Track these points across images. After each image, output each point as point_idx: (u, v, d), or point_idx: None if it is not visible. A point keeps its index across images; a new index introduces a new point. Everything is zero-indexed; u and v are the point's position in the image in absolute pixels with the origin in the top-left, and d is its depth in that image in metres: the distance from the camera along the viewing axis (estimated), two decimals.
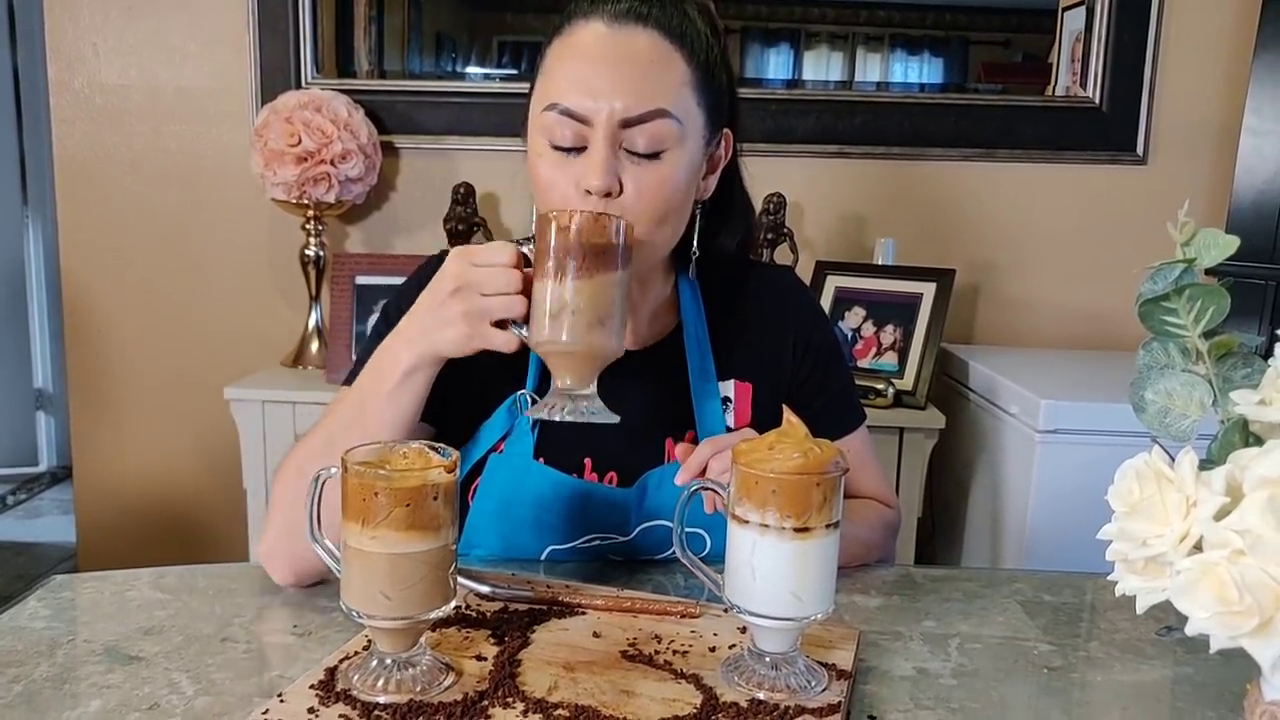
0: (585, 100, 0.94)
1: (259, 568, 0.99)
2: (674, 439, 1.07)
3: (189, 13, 2.22)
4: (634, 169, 0.96)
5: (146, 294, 2.30)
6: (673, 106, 0.96)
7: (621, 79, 0.94)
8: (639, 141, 0.95)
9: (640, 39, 0.96)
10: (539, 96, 0.99)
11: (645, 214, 0.96)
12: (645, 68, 0.95)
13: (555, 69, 0.98)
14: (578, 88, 0.95)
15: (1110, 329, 2.19)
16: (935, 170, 2.23)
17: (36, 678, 0.79)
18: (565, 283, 0.87)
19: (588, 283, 0.87)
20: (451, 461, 0.75)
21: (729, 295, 1.12)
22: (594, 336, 0.88)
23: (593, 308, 0.87)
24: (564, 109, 0.95)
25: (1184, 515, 0.54)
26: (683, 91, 0.97)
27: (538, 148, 0.98)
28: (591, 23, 0.96)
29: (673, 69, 0.96)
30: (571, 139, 0.95)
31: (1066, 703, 0.82)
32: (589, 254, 0.87)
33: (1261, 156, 1.93)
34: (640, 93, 0.94)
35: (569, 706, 0.73)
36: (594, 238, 0.87)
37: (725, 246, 1.14)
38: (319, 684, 0.75)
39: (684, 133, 0.97)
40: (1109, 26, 2.14)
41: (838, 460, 0.76)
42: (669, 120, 0.95)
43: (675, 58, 0.97)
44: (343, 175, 2.03)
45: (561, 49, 0.98)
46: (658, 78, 0.96)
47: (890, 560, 1.16)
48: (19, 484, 3.81)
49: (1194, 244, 0.62)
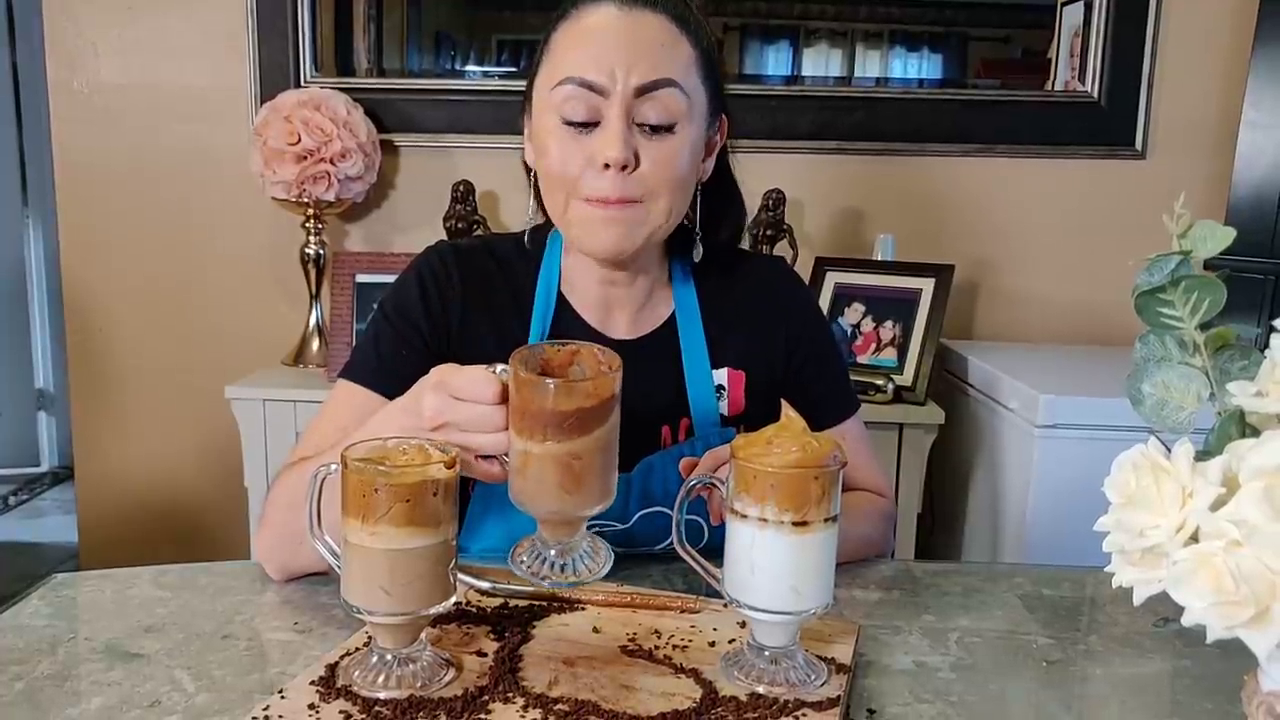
0: (600, 72, 0.97)
1: (260, 565, 1.00)
2: (669, 426, 1.07)
3: (188, 12, 2.22)
4: (647, 143, 0.99)
5: (147, 293, 2.30)
6: (682, 80, 0.99)
7: (636, 51, 0.97)
8: (651, 114, 0.98)
9: (650, 20, 0.99)
10: (547, 76, 1.01)
11: (663, 185, 1.00)
12: (656, 45, 0.99)
13: (565, 49, 1.00)
14: (592, 61, 0.97)
15: (1109, 324, 2.19)
16: (934, 166, 2.23)
17: (38, 675, 0.79)
18: (543, 444, 0.75)
19: (570, 444, 0.75)
20: (451, 457, 0.76)
21: (722, 284, 1.13)
22: (573, 502, 0.77)
23: (572, 470, 0.76)
24: (580, 80, 0.97)
25: (1180, 506, 0.55)
26: (690, 70, 1.01)
27: (548, 125, 1.00)
28: (601, 6, 0.99)
29: (680, 49, 1.00)
30: (585, 113, 0.98)
31: (1066, 696, 0.82)
32: (571, 418, 0.75)
33: (1260, 150, 1.93)
34: (653, 63, 0.98)
35: (569, 701, 0.73)
36: (579, 401, 0.75)
37: (721, 233, 1.15)
38: (319, 680, 0.76)
39: (691, 108, 1.00)
40: (1107, 21, 2.14)
41: (836, 454, 0.77)
42: (679, 91, 0.99)
43: (682, 40, 1.00)
44: (342, 174, 2.03)
45: (570, 32, 1.00)
46: (668, 53, 0.99)
47: (888, 553, 1.16)
48: (21, 484, 3.81)
49: (1190, 236, 0.62)
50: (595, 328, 1.10)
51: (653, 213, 1.00)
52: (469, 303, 1.08)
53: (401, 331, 1.06)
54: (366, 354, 1.06)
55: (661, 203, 1.00)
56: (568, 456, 0.75)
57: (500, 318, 1.09)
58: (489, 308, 1.09)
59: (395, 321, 1.07)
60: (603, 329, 1.10)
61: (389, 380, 1.03)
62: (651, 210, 1.00)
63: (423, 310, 1.07)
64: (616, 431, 0.78)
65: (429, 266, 1.09)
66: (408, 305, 1.07)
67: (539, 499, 0.77)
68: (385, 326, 1.07)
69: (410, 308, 1.07)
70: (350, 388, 1.04)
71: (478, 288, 1.09)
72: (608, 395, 0.76)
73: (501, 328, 1.08)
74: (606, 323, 1.10)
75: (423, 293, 1.07)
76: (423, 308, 1.07)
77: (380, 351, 1.06)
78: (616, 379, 0.77)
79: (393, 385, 1.03)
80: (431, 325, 1.06)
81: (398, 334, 1.06)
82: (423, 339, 1.06)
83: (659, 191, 0.99)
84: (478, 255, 1.11)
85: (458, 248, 1.12)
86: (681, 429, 1.09)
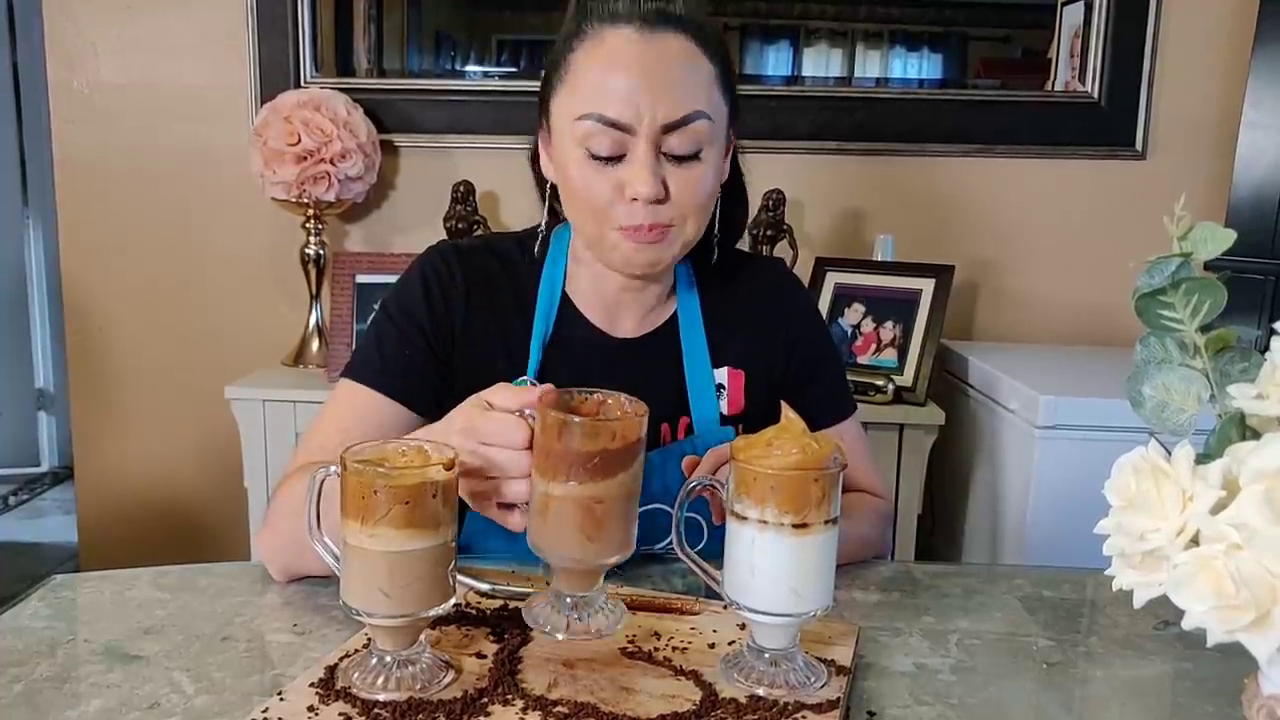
0: (626, 109, 0.95)
1: (259, 567, 1.00)
2: (669, 424, 1.08)
3: (188, 12, 2.22)
4: (675, 170, 0.98)
5: (147, 293, 2.30)
6: (707, 106, 0.98)
7: (660, 86, 0.95)
8: (678, 146, 0.97)
9: (672, 43, 0.97)
10: (567, 101, 0.99)
11: (692, 209, 1.00)
12: (680, 72, 0.97)
13: (587, 77, 0.98)
14: (617, 97, 0.95)
15: (1110, 324, 2.19)
16: (935, 166, 2.23)
17: (37, 677, 0.79)
18: (565, 485, 0.75)
19: (593, 487, 0.75)
20: (450, 459, 0.75)
21: (724, 285, 1.14)
22: (593, 550, 0.77)
23: (594, 514, 0.76)
24: (604, 119, 0.96)
25: (1180, 509, 0.54)
26: (712, 90, 0.99)
27: (574, 155, 0.99)
28: (620, 28, 0.97)
29: (702, 69, 0.99)
30: (610, 148, 0.96)
31: (1066, 698, 0.82)
32: (595, 459, 0.75)
33: (1260, 150, 1.93)
34: (679, 98, 0.96)
35: (568, 704, 0.73)
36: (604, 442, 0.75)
37: (729, 233, 1.15)
38: (319, 682, 0.76)
39: (715, 130, 0.99)
40: (1107, 21, 2.14)
41: (836, 456, 0.76)
42: (705, 121, 0.98)
43: (702, 58, 0.99)
44: (342, 174, 2.03)
45: (590, 56, 0.98)
46: (692, 80, 0.98)
47: (886, 553, 1.16)
48: (21, 484, 3.81)
49: (1190, 238, 0.62)
50: (600, 328, 1.10)
51: (684, 234, 1.01)
52: (472, 302, 1.08)
53: (405, 331, 1.06)
54: (369, 354, 1.06)
55: (690, 224, 1.01)
56: (590, 500, 0.75)
57: (503, 317, 1.09)
58: (492, 307, 1.09)
59: (399, 321, 1.06)
60: (608, 329, 1.10)
61: (392, 380, 1.03)
62: (682, 232, 1.01)
63: (426, 310, 1.06)
64: (640, 482, 0.78)
65: (432, 266, 1.09)
66: (411, 305, 1.07)
67: (559, 544, 0.77)
68: (388, 326, 1.07)
69: (414, 307, 1.07)
70: (353, 387, 1.04)
71: (481, 287, 1.09)
72: (633, 439, 0.76)
73: (505, 327, 1.08)
74: (612, 323, 1.10)
75: (426, 292, 1.07)
76: (426, 307, 1.07)
77: (384, 351, 1.06)
78: (642, 423, 0.77)
79: (396, 385, 1.03)
80: (435, 325, 1.06)
81: (401, 334, 1.06)
82: (426, 339, 1.06)
83: (688, 215, 1.00)
84: (480, 255, 1.11)
85: (460, 248, 1.12)
86: (681, 427, 1.09)
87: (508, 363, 1.06)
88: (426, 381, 1.04)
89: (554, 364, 1.08)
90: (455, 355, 1.06)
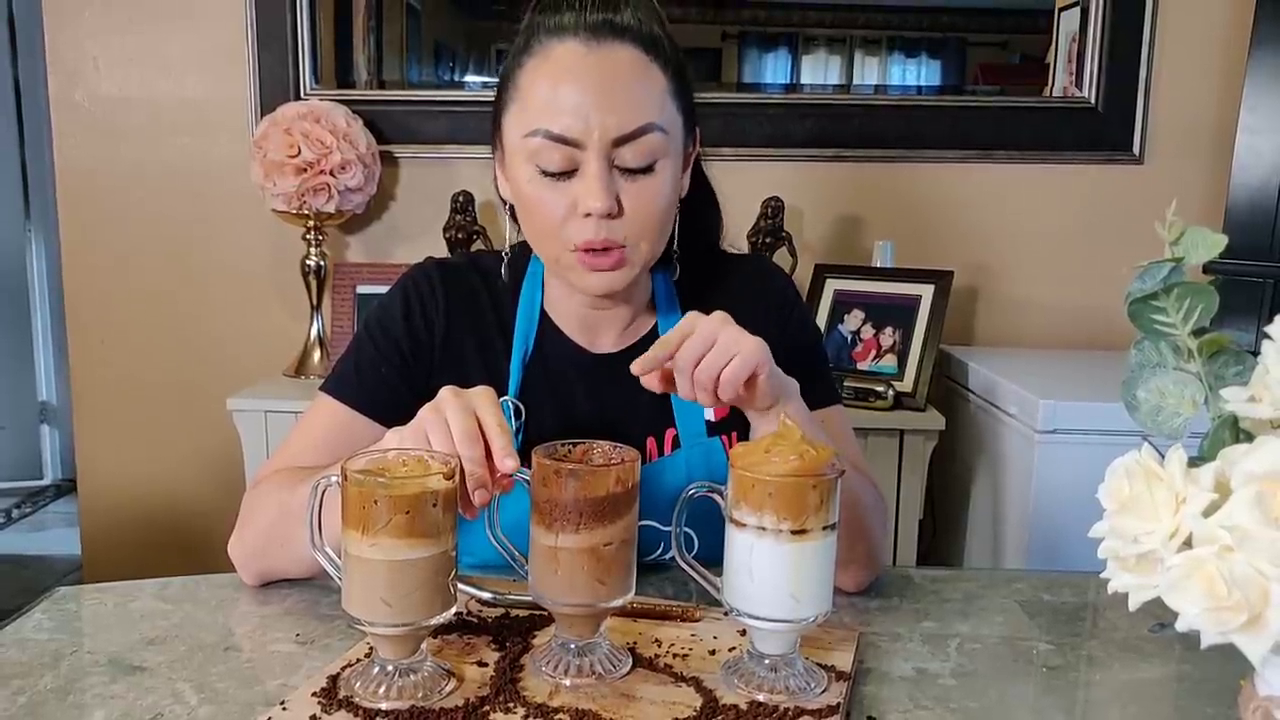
0: (574, 123, 0.93)
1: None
2: (654, 438, 1.07)
3: (188, 25, 2.23)
4: (629, 185, 0.96)
5: (149, 306, 2.31)
6: (659, 118, 0.96)
7: (609, 98, 0.94)
8: (631, 159, 0.95)
9: (620, 54, 0.95)
10: (518, 121, 0.98)
11: (647, 228, 0.98)
12: (629, 84, 0.95)
13: (534, 93, 0.96)
14: (565, 111, 0.94)
15: (1109, 329, 2.19)
16: (933, 172, 2.23)
17: (41, 689, 0.80)
18: (575, 534, 0.77)
19: (602, 531, 0.78)
20: (450, 468, 0.76)
21: (703, 289, 1.12)
22: (604, 592, 0.79)
23: (604, 558, 0.78)
24: (553, 134, 0.94)
25: (1173, 512, 0.55)
26: (665, 101, 0.97)
27: (524, 173, 0.98)
28: (566, 41, 0.95)
29: (653, 80, 0.97)
30: (560, 163, 0.95)
31: (1066, 702, 0.82)
32: (605, 503, 0.77)
33: (1257, 154, 1.93)
34: (629, 109, 0.94)
35: (570, 711, 0.74)
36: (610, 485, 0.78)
37: (701, 241, 1.13)
38: (321, 691, 0.76)
39: (670, 141, 0.98)
40: (1103, 27, 2.14)
41: (834, 462, 0.77)
42: (658, 133, 0.96)
43: (653, 68, 0.97)
44: (342, 185, 2.04)
45: (538, 71, 0.96)
46: (642, 92, 0.96)
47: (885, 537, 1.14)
48: (24, 497, 3.82)
49: (1182, 242, 0.62)
50: (580, 344, 1.09)
51: (639, 253, 0.99)
52: (453, 321, 1.08)
53: (382, 349, 1.06)
54: (346, 370, 1.07)
55: (645, 245, 0.99)
56: (599, 544, 0.77)
57: (484, 336, 1.08)
58: (474, 326, 1.09)
59: (377, 339, 1.07)
60: (588, 345, 1.09)
61: (366, 396, 1.04)
62: (637, 251, 0.99)
63: (404, 329, 1.07)
64: (636, 523, 0.81)
65: (414, 284, 1.09)
66: (389, 323, 1.07)
67: (570, 593, 0.79)
68: (367, 343, 1.07)
69: (391, 325, 1.07)
70: (329, 402, 1.05)
71: (462, 306, 1.09)
72: (632, 482, 0.79)
73: (485, 346, 1.08)
74: (591, 339, 1.10)
75: (406, 311, 1.07)
76: (405, 326, 1.07)
77: (360, 368, 1.06)
78: (636, 467, 0.80)
79: (369, 401, 1.04)
80: (413, 343, 1.06)
81: (378, 351, 1.06)
82: (402, 357, 1.06)
83: (643, 234, 0.98)
84: (464, 272, 1.11)
85: (444, 265, 1.11)
86: (667, 440, 1.08)
87: (488, 381, 1.04)
88: (401, 399, 1.02)
89: (535, 382, 1.07)
90: (434, 373, 1.05)
